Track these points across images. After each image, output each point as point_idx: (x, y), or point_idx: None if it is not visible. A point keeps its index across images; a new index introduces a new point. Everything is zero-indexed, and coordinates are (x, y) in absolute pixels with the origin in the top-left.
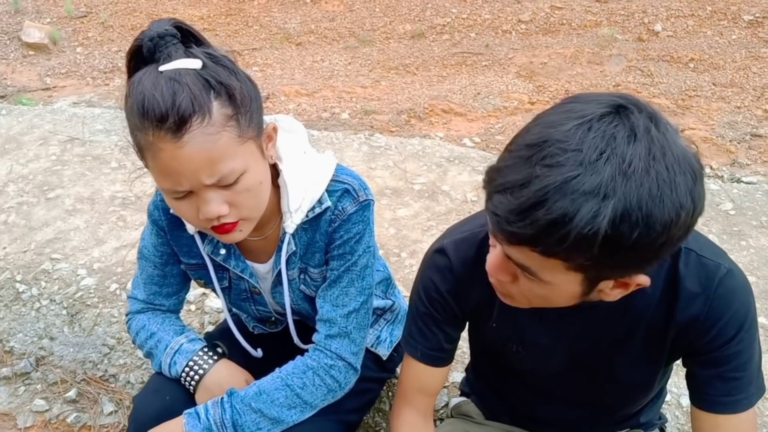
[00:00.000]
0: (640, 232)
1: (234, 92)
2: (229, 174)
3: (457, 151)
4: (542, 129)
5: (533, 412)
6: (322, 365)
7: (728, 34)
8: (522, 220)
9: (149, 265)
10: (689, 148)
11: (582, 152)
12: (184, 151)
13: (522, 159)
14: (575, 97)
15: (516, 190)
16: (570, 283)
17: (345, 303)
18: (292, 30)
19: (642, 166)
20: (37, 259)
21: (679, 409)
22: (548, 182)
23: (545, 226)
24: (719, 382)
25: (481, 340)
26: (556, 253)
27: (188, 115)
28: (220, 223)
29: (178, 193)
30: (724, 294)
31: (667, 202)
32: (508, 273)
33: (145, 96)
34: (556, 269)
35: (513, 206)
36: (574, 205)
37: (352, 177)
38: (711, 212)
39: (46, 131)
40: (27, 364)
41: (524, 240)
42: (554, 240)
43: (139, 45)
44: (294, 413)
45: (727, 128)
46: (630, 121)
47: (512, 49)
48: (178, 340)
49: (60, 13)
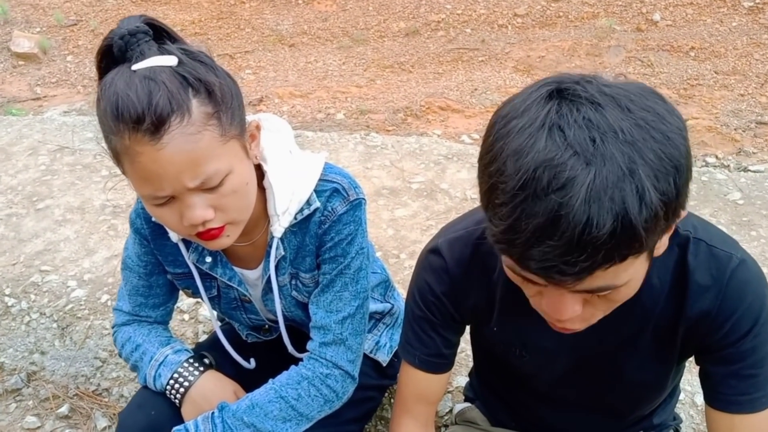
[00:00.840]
0: (674, 177)
1: (213, 89)
2: (213, 176)
3: (456, 148)
4: (515, 163)
5: (540, 418)
6: (317, 375)
7: (728, 22)
8: (582, 253)
9: (134, 276)
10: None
11: (579, 153)
12: (163, 153)
13: (526, 202)
14: (501, 117)
15: (549, 232)
16: (642, 267)
17: (339, 308)
18: (285, 31)
19: (630, 123)
20: (27, 271)
21: (694, 408)
22: (574, 201)
23: (608, 238)
24: (734, 380)
25: (482, 344)
26: (635, 251)
27: (166, 114)
28: (206, 228)
29: (159, 199)
30: (737, 286)
31: (672, 136)
32: (578, 304)
33: (119, 97)
34: (629, 266)
35: (562, 248)
36: (615, 201)
37: (341, 176)
38: (719, 202)
39: (35, 141)
40: (18, 379)
41: (596, 266)
42: (626, 242)
43: (109, 44)
44: (289, 426)
45: (731, 117)
46: (576, 94)
47: (509, 43)
48: (163, 352)
49: (49, 22)
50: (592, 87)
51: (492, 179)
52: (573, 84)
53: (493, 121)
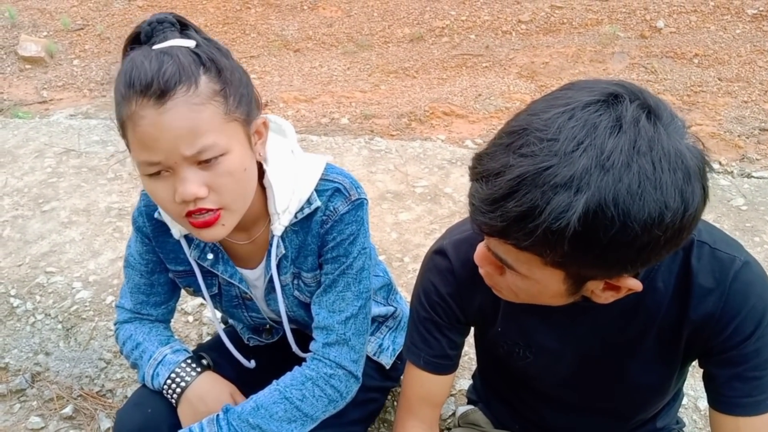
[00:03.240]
0: (616, 230)
1: (224, 70)
2: (210, 147)
3: (459, 152)
4: (526, 116)
5: (543, 420)
6: (321, 375)
7: (732, 29)
8: (494, 211)
9: (135, 274)
10: (691, 145)
11: (558, 141)
12: (165, 117)
13: (502, 147)
14: (573, 83)
15: (491, 179)
16: (551, 279)
17: (342, 308)
18: (290, 37)
19: (623, 160)
20: (32, 272)
21: (697, 412)
22: (521, 172)
23: (515, 218)
24: (738, 382)
25: (486, 346)
26: (527, 247)
27: (174, 83)
28: (197, 207)
29: (153, 166)
30: (740, 288)
31: (648, 199)
32: (494, 265)
33: (134, 66)
34: (533, 264)
35: (486, 195)
36: (545, 197)
37: (343, 176)
38: (722, 208)
39: (42, 143)
40: (22, 380)
41: (495, 231)
42: (523, 233)
43: (138, 32)
44: (294, 427)
45: (734, 123)
46: (617, 110)
47: (513, 49)
48: (162, 351)
49: (56, 26)
50: (637, 113)
51: (510, 119)
52: (629, 97)
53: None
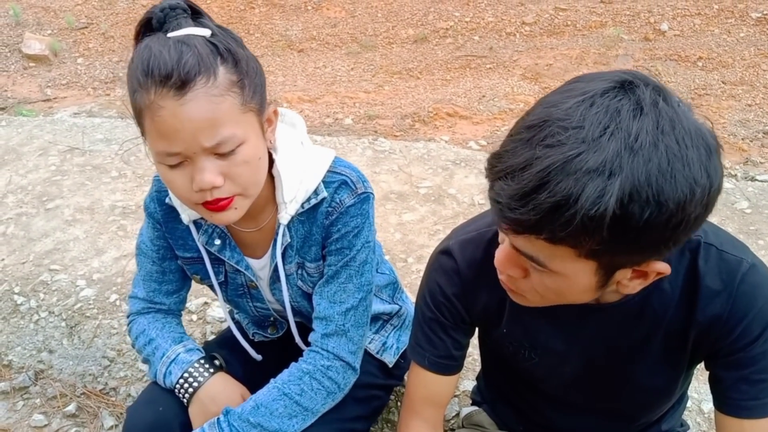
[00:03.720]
0: (652, 211)
1: (240, 60)
2: (229, 139)
3: (463, 153)
4: (543, 109)
5: (548, 422)
6: (318, 368)
7: (736, 32)
8: (524, 206)
9: (147, 261)
10: (703, 122)
11: (584, 129)
12: (185, 109)
13: (522, 142)
14: (579, 77)
15: (517, 174)
16: (583, 272)
17: (342, 300)
18: (294, 37)
19: (650, 140)
20: (36, 270)
21: (701, 415)
22: (549, 162)
23: (549, 209)
24: (745, 385)
25: (491, 347)
26: (563, 239)
27: (194, 74)
28: (214, 197)
29: (172, 158)
30: (748, 290)
31: (679, 177)
32: (519, 267)
33: (152, 54)
34: (567, 257)
35: (514, 191)
36: (578, 184)
37: (350, 169)
38: (726, 211)
39: (46, 141)
40: (25, 378)
41: (529, 227)
42: (560, 224)
43: (149, 17)
44: (296, 422)
45: (738, 126)
46: (635, 94)
47: (517, 51)
48: (175, 349)
49: (61, 24)
50: (654, 95)
51: (522, 116)
52: (641, 82)
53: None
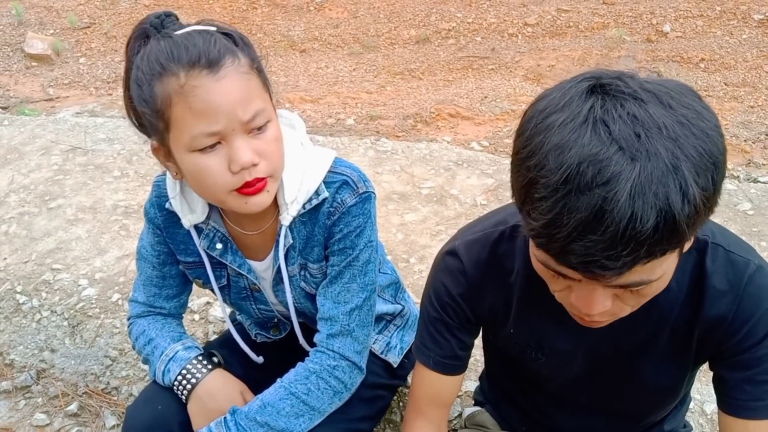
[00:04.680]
0: (713, 174)
1: (252, 48)
2: (261, 112)
3: (465, 154)
4: (558, 157)
5: (552, 422)
6: (324, 367)
7: (738, 34)
8: (625, 248)
9: (148, 266)
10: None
11: (623, 148)
12: (222, 84)
13: (569, 196)
14: (539, 111)
15: (592, 226)
16: (672, 265)
17: (347, 300)
18: (296, 37)
19: (672, 120)
20: (38, 269)
21: (704, 416)
22: (620, 196)
23: (652, 233)
24: (749, 385)
25: (496, 347)
26: (674, 246)
27: (222, 55)
28: (253, 177)
29: (210, 137)
30: (754, 292)
31: (710, 132)
32: (608, 300)
33: (173, 44)
34: (670, 259)
35: (606, 242)
36: (659, 196)
37: (351, 169)
38: (729, 213)
39: (48, 141)
40: (27, 377)
41: (638, 260)
42: (668, 237)
43: (144, 27)
44: (302, 422)
45: (741, 128)
46: (621, 91)
47: (519, 52)
48: (173, 347)
49: (63, 24)
50: (633, 83)
51: (531, 173)
52: (614, 80)
53: (528, 115)
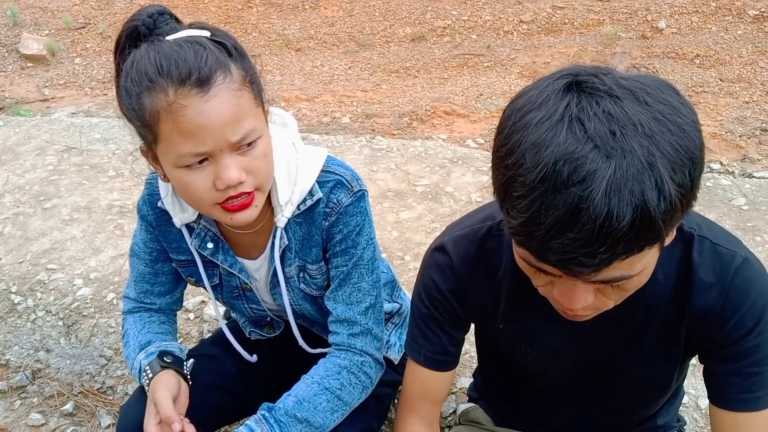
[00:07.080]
0: (689, 169)
1: (245, 57)
2: (251, 132)
3: (461, 152)
4: (535, 156)
5: (545, 417)
6: (354, 363)
7: (734, 30)
8: (603, 244)
9: (140, 262)
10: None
11: (598, 146)
12: (211, 104)
13: (546, 194)
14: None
15: (569, 224)
16: (656, 254)
17: (360, 300)
18: (292, 36)
19: (648, 116)
20: (33, 269)
21: (698, 411)
22: (595, 194)
23: (628, 230)
24: (738, 378)
25: (488, 343)
26: (651, 241)
27: (213, 71)
28: (238, 192)
29: (197, 157)
30: (741, 284)
31: (686, 128)
32: (590, 294)
33: (165, 55)
34: (651, 253)
35: (582, 240)
36: (635, 193)
37: (343, 168)
38: (723, 208)
39: (43, 141)
40: (23, 377)
41: (615, 257)
42: (644, 233)
43: (135, 25)
44: (336, 417)
45: (736, 124)
46: (597, 88)
47: (514, 49)
48: (138, 358)
49: (58, 24)
50: (609, 79)
51: (509, 172)
52: (590, 76)
53: (507, 113)
